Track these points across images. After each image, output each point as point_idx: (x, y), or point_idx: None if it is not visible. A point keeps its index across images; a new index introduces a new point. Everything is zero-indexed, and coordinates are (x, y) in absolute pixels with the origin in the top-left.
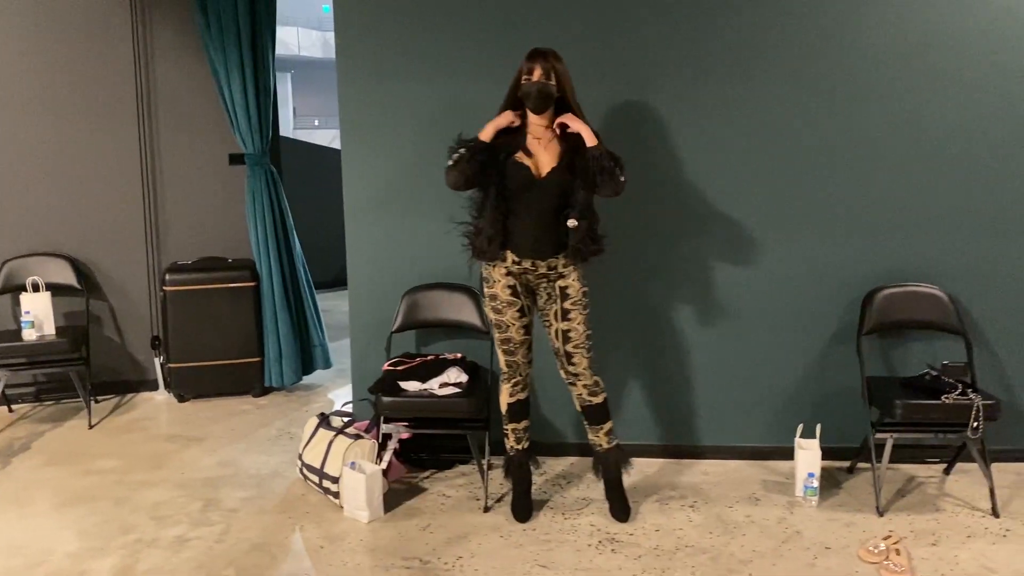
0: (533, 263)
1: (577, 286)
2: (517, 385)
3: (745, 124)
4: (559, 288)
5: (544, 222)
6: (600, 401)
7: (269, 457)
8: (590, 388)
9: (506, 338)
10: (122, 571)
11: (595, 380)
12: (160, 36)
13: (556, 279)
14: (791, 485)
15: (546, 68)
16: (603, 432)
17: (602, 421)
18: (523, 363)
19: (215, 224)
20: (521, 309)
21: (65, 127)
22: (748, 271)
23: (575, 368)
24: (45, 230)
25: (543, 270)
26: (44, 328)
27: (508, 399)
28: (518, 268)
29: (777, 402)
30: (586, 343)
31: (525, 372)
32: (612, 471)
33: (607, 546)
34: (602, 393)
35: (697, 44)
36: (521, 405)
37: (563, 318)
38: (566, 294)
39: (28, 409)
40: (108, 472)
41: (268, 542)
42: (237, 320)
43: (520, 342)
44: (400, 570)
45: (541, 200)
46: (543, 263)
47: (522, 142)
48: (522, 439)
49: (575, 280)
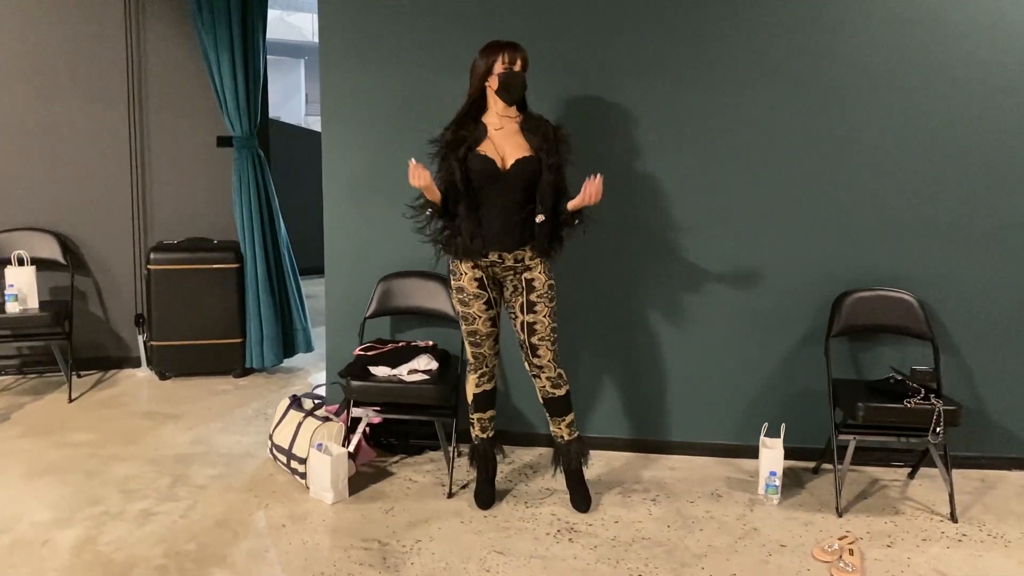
0: (500, 255)
1: (543, 279)
2: (483, 376)
3: (720, 127)
4: (525, 280)
5: (509, 214)
6: (563, 394)
7: (243, 437)
8: (553, 380)
9: (472, 330)
10: (84, 542)
11: (559, 373)
12: (152, 17)
13: (523, 271)
14: (755, 483)
15: (524, 58)
16: (564, 424)
17: (564, 413)
18: (490, 355)
19: (201, 205)
20: (488, 302)
21: (56, 105)
22: (721, 271)
23: (539, 360)
24: (33, 205)
25: (510, 262)
26: (28, 302)
27: (474, 389)
28: (485, 261)
29: (746, 401)
30: (551, 336)
31: (491, 363)
32: (573, 462)
33: (565, 535)
34: (565, 386)
35: (688, 43)
36: (487, 395)
37: (528, 310)
38: (532, 287)
39: (11, 381)
40: (83, 445)
41: (231, 519)
42: (220, 301)
43: (486, 334)
44: (358, 551)
45: (505, 192)
46: (509, 255)
47: (482, 135)
48: (487, 428)
49: (541, 273)
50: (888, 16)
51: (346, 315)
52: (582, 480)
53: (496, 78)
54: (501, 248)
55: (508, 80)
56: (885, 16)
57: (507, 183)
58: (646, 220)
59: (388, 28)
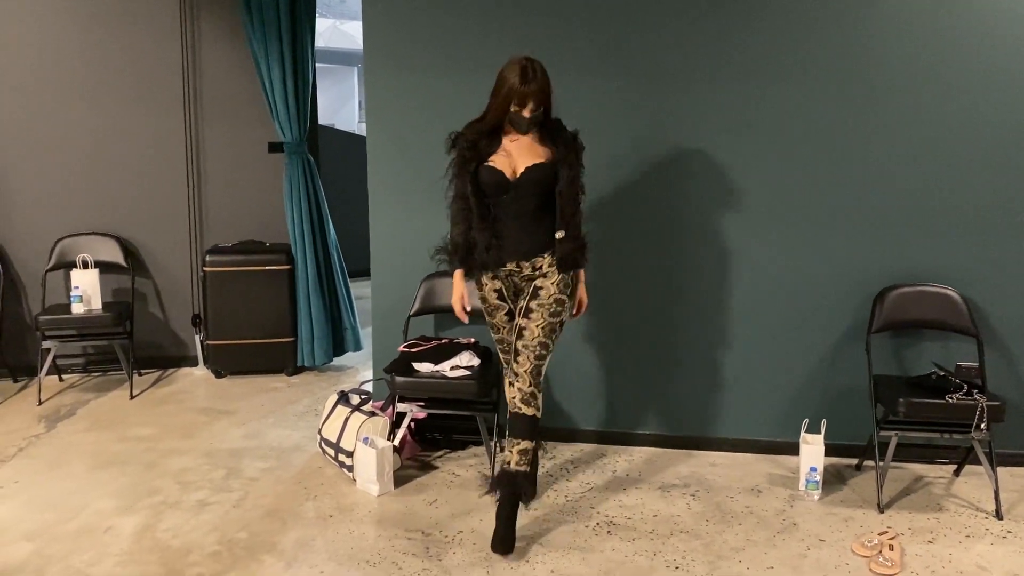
0: (518, 264)
1: (552, 291)
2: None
3: (760, 121)
4: (534, 287)
5: (523, 224)
6: (528, 414)
7: (293, 432)
8: (524, 395)
9: (500, 339)
10: (144, 529)
11: (532, 391)
12: (206, 28)
13: (537, 278)
14: (795, 479)
15: (539, 101)
16: (518, 449)
17: (522, 436)
18: None
19: (254, 209)
20: (510, 312)
21: (116, 114)
22: (761, 267)
23: (518, 368)
24: (96, 211)
25: (528, 271)
26: (92, 303)
27: (512, 408)
28: (504, 271)
29: (788, 397)
30: (536, 348)
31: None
32: (508, 493)
33: (604, 528)
34: (535, 409)
35: (719, 40)
36: (527, 420)
37: (524, 315)
38: (537, 294)
39: (77, 379)
40: (142, 439)
41: (281, 509)
42: (273, 302)
43: (518, 348)
44: (402, 541)
45: (518, 202)
46: (527, 264)
47: (496, 147)
48: (522, 461)
49: (553, 284)
50: (924, 7)
51: (391, 314)
52: (512, 517)
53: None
54: (518, 258)
55: (515, 120)
56: (921, 7)
57: (518, 192)
58: (686, 217)
59: (431, 32)
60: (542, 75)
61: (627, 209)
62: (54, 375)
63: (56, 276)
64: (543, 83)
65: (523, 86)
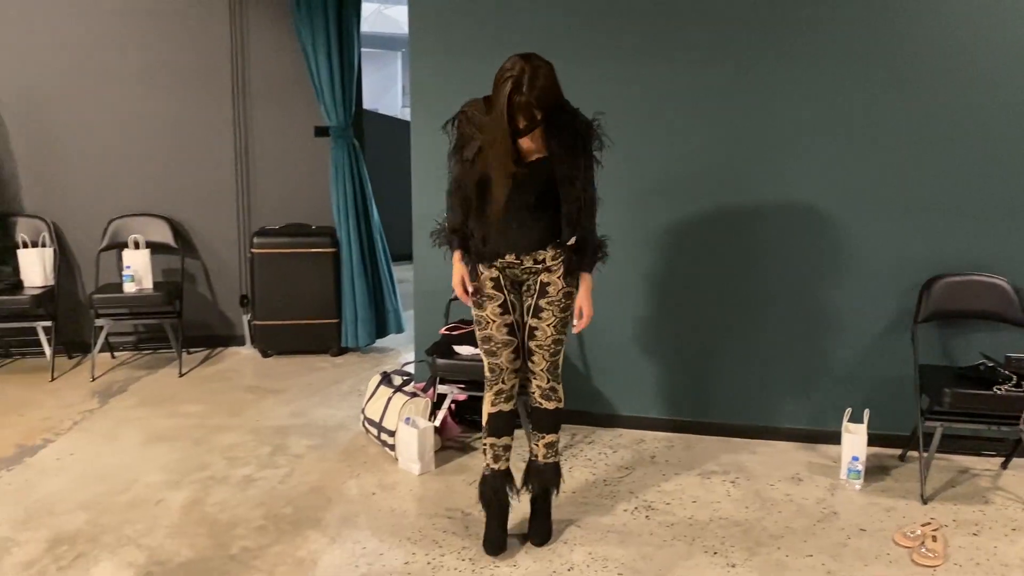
0: (518, 257)
1: (560, 285)
2: (501, 394)
3: (809, 104)
4: (540, 283)
5: (522, 216)
6: (551, 408)
7: (337, 411)
8: (544, 391)
9: (486, 336)
10: (193, 502)
11: (552, 386)
12: (255, 14)
13: (541, 272)
14: (837, 468)
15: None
16: (544, 443)
17: (546, 430)
18: (508, 368)
19: (301, 192)
20: (504, 305)
21: (167, 99)
22: (805, 254)
23: (533, 367)
24: (147, 193)
25: (528, 263)
26: (143, 282)
27: (489, 408)
28: (502, 262)
29: (831, 386)
30: (551, 347)
31: (511, 380)
32: (542, 489)
33: (642, 512)
34: (556, 402)
35: (764, 23)
36: (504, 418)
37: (534, 315)
38: (545, 291)
39: (128, 356)
40: (191, 416)
41: (326, 486)
42: (318, 283)
43: (502, 342)
44: (442, 519)
45: (519, 195)
46: (528, 257)
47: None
48: (500, 458)
49: (559, 278)
50: None
51: (433, 297)
52: (547, 511)
53: None
54: (517, 251)
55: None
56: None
57: (519, 186)
58: (731, 203)
59: (476, 15)
60: (543, 80)
61: (674, 194)
62: (107, 352)
63: (109, 256)
64: (542, 89)
65: (516, 97)
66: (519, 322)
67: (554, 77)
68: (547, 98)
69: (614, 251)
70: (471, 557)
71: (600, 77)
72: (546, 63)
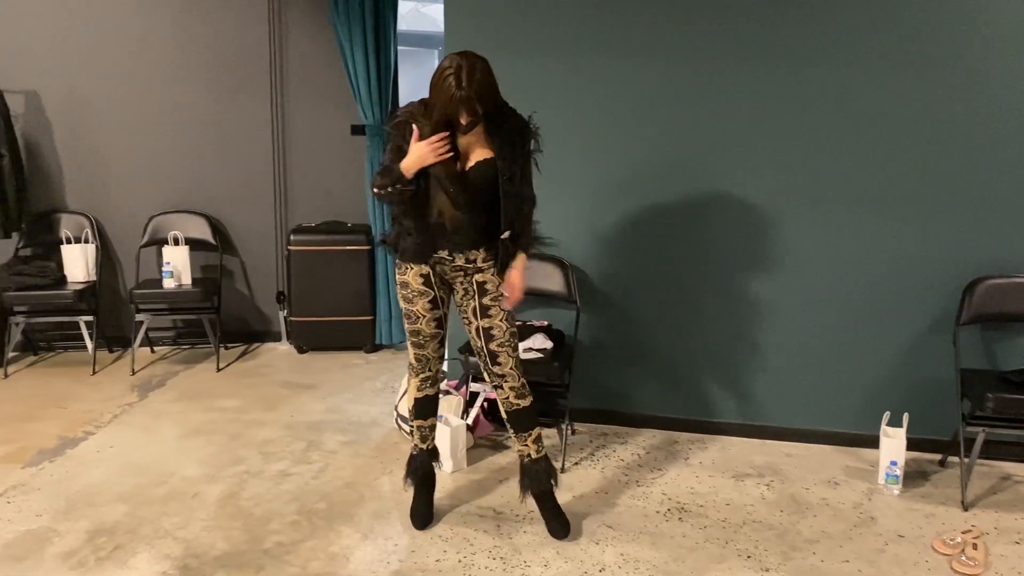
0: (450, 254)
1: (496, 281)
2: (426, 380)
3: (850, 103)
4: (476, 283)
5: (459, 216)
6: (527, 404)
7: (371, 407)
8: (517, 390)
9: (415, 329)
10: (229, 496)
11: (522, 382)
12: (293, 13)
13: (473, 273)
14: (875, 473)
15: (471, 107)
16: (531, 440)
17: (529, 428)
18: (433, 357)
19: (337, 190)
20: (433, 301)
21: (206, 97)
22: (846, 254)
23: (500, 369)
24: (187, 190)
25: (460, 262)
26: (182, 278)
27: (416, 394)
28: (433, 258)
29: (869, 389)
30: (511, 341)
31: (435, 367)
32: (543, 484)
33: (675, 514)
34: (529, 396)
35: (803, 22)
36: (429, 401)
37: (483, 315)
38: (484, 289)
39: (167, 351)
40: (228, 410)
41: (359, 482)
42: (353, 281)
43: (430, 335)
44: (474, 517)
45: (465, 194)
46: (460, 255)
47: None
48: (427, 438)
49: (494, 276)
50: None
51: None
52: (556, 502)
53: None
54: (451, 247)
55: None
56: None
57: (465, 187)
58: (768, 201)
59: (510, 15)
60: (480, 75)
61: (706, 192)
62: (147, 346)
63: (149, 252)
64: (479, 84)
65: (457, 91)
66: (446, 315)
67: (491, 72)
68: (487, 93)
69: (643, 250)
70: (502, 556)
71: (633, 72)
72: (482, 59)
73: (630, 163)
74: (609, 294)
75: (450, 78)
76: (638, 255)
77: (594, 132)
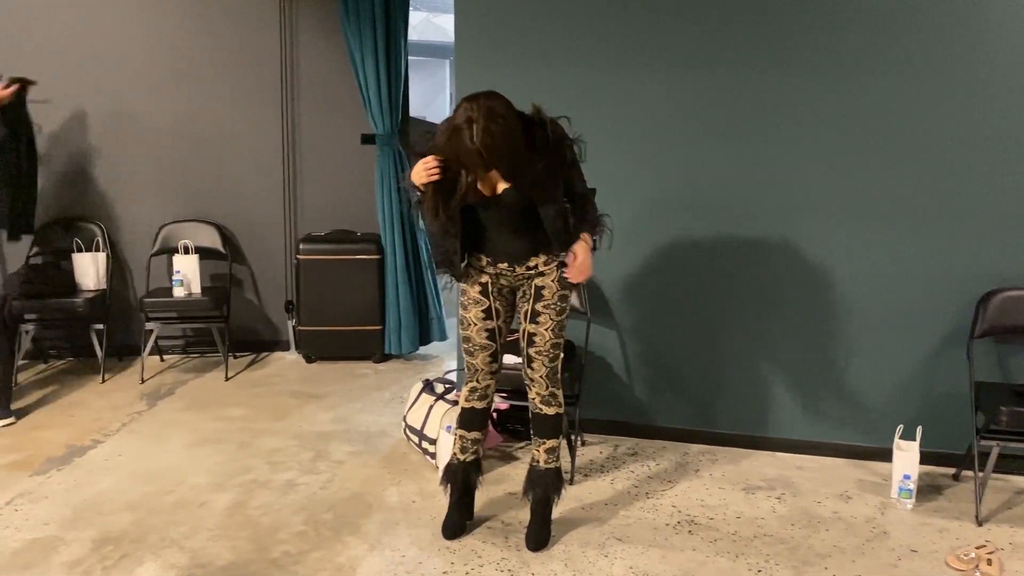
0: (510, 265)
1: (555, 288)
2: (475, 392)
3: (860, 114)
4: (535, 287)
5: (509, 232)
6: (550, 413)
7: (379, 417)
8: (543, 397)
9: (466, 336)
10: (236, 505)
11: (551, 391)
12: (304, 22)
13: (535, 276)
14: (887, 487)
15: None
16: (544, 448)
17: (547, 436)
18: (483, 369)
19: (347, 199)
20: (488, 311)
21: (217, 106)
22: (857, 265)
23: (532, 373)
24: (197, 199)
25: (521, 271)
26: (192, 287)
27: (463, 403)
28: (493, 269)
29: (881, 402)
30: (550, 351)
31: (485, 381)
32: (542, 494)
33: (684, 527)
34: (557, 407)
35: (820, 31)
36: (475, 413)
37: (531, 319)
38: (540, 294)
39: (177, 359)
40: (236, 419)
41: (367, 493)
42: (362, 290)
43: (480, 345)
44: (483, 529)
45: (503, 213)
46: (520, 266)
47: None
48: (468, 450)
49: (554, 281)
50: None
51: None
52: (547, 517)
53: None
54: (509, 260)
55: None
56: None
57: (501, 207)
58: (780, 214)
59: (522, 24)
60: (498, 128)
61: (720, 204)
62: (156, 355)
63: (160, 260)
64: (497, 143)
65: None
66: (501, 328)
67: (510, 119)
68: (505, 150)
69: (656, 261)
70: (510, 568)
71: (648, 82)
72: (500, 103)
73: (645, 174)
74: (620, 304)
75: (463, 131)
76: (650, 265)
77: (610, 143)
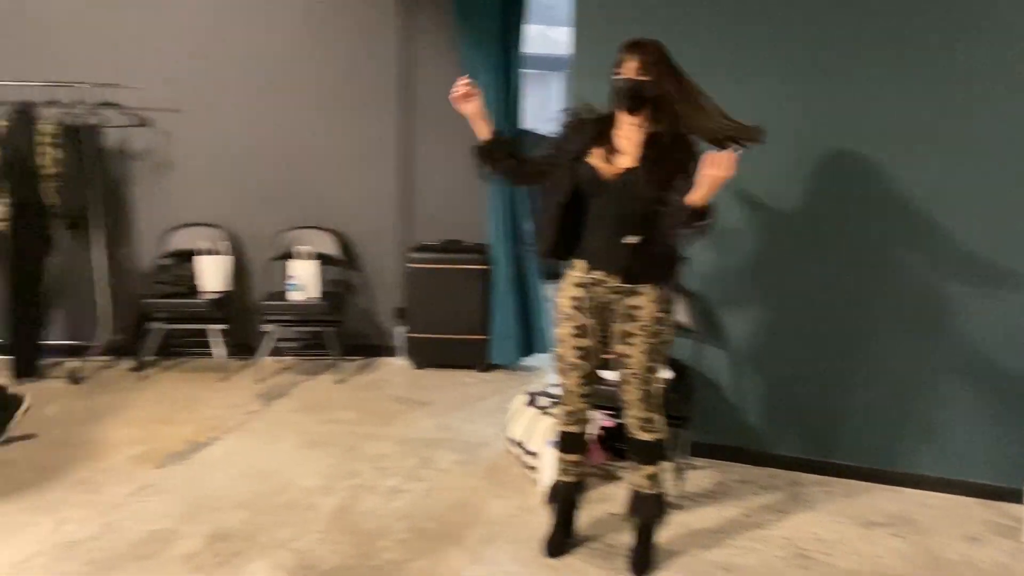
0: (607, 274)
1: (651, 308)
2: (570, 415)
3: (991, 126)
4: (628, 307)
5: (616, 230)
6: (649, 439)
7: (482, 427)
8: (640, 422)
9: (559, 354)
10: (342, 509)
11: (648, 416)
12: (420, 35)
13: (629, 295)
14: (1019, 530)
15: (643, 61)
16: (645, 475)
17: (647, 462)
18: (575, 391)
19: (458, 210)
20: (580, 328)
21: (335, 118)
22: (991, 284)
23: (625, 396)
24: (315, 207)
25: (614, 283)
26: (309, 291)
27: (560, 425)
28: (589, 280)
29: (1017, 439)
30: (644, 375)
31: (578, 404)
32: (644, 519)
33: (796, 561)
34: (655, 433)
35: (938, 45)
36: (572, 438)
37: (623, 341)
38: (633, 316)
39: (292, 362)
40: (345, 423)
41: (469, 503)
42: (470, 299)
43: (572, 364)
44: (583, 549)
45: (610, 205)
46: (615, 278)
47: (608, 140)
48: (569, 472)
49: (651, 302)
50: None
51: None
52: (649, 542)
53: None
54: (607, 268)
55: (614, 85)
56: None
57: (611, 196)
58: (912, 239)
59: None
60: (654, 48)
61: (846, 224)
62: (273, 356)
63: (279, 265)
64: (653, 53)
65: (624, 46)
66: (594, 348)
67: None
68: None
69: (774, 280)
70: None
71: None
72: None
73: (763, 188)
74: (736, 326)
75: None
76: (768, 287)
77: None
